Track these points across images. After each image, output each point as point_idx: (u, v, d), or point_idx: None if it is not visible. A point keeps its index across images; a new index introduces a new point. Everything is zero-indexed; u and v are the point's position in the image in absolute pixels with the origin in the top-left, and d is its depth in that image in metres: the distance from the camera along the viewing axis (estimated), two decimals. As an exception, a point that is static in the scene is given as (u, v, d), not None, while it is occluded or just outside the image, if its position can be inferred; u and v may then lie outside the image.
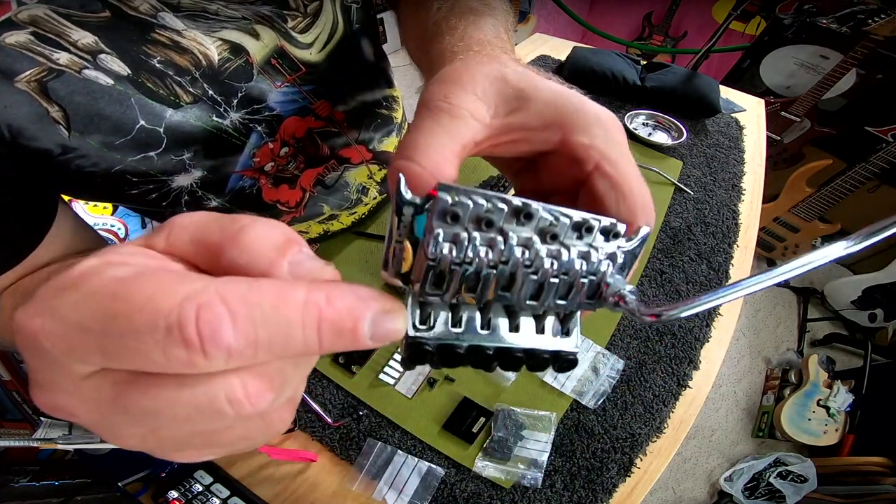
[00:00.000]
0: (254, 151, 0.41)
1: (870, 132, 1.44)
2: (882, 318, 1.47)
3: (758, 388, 1.53)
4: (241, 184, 0.43)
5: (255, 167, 0.43)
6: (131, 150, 0.33)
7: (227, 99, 0.37)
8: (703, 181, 0.77)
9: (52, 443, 0.35)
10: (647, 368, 0.54)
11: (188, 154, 0.36)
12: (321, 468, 0.48)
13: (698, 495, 1.32)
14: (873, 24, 1.27)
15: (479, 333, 0.16)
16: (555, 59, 1.06)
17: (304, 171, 0.49)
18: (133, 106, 0.32)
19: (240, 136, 0.40)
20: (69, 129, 0.29)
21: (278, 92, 0.40)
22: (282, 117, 0.42)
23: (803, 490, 1.21)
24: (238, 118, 0.38)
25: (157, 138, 0.34)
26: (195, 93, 0.35)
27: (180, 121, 0.34)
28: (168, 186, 0.37)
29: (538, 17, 2.38)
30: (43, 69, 0.28)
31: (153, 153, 0.34)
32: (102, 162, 0.32)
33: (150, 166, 0.34)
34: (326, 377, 0.53)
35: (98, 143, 0.31)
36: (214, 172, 0.39)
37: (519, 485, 0.46)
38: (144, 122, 0.32)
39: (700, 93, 0.87)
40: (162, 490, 0.43)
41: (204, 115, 0.36)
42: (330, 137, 0.48)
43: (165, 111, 0.33)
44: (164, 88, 0.33)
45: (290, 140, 0.44)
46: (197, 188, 0.39)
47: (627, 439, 0.49)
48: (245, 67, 0.37)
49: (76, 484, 0.42)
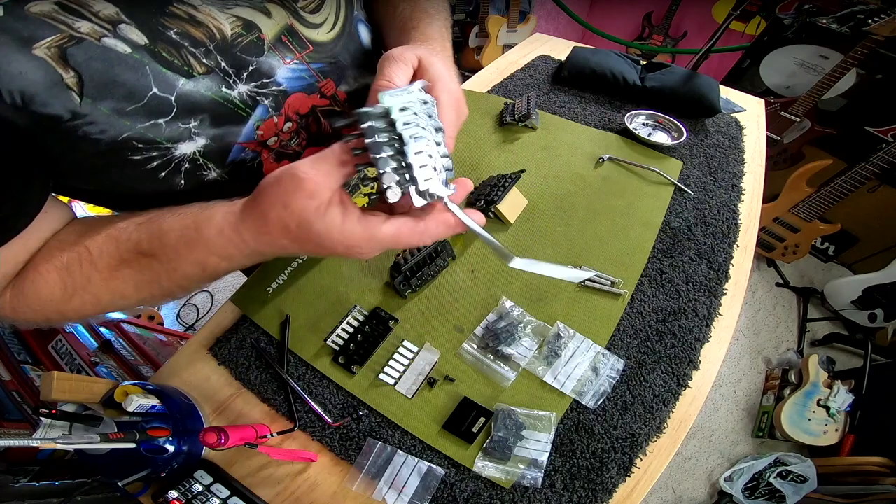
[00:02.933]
0: (258, 124, 0.43)
1: (870, 132, 1.44)
2: (882, 318, 1.47)
3: (758, 388, 1.53)
4: (242, 156, 0.43)
5: (258, 140, 0.44)
6: (141, 117, 0.34)
7: (237, 71, 0.39)
8: (703, 181, 0.77)
9: (52, 443, 0.35)
10: (647, 368, 0.54)
11: (194, 122, 0.38)
12: (321, 468, 0.48)
13: (698, 495, 1.32)
14: (873, 24, 1.27)
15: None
16: (555, 59, 1.06)
17: (306, 148, 0.49)
18: (147, 74, 0.33)
19: (246, 108, 0.41)
20: (81, 96, 0.31)
21: (287, 68, 0.42)
22: (288, 93, 0.44)
23: (803, 490, 1.22)
24: (246, 90, 0.40)
25: (168, 106, 0.35)
26: (208, 64, 0.37)
27: (191, 90, 0.36)
28: (171, 154, 0.38)
29: (538, 17, 2.38)
30: (63, 36, 0.29)
31: (162, 120, 0.35)
32: (111, 129, 0.33)
33: (157, 133, 0.36)
34: (326, 377, 0.53)
35: (109, 110, 0.32)
36: (218, 141, 0.41)
37: (519, 485, 0.46)
38: (157, 90, 0.34)
39: (700, 93, 0.87)
40: (162, 490, 0.43)
41: (214, 86, 0.38)
42: (333, 116, 0.50)
43: (178, 80, 0.35)
44: (179, 59, 0.35)
45: (294, 116, 0.46)
46: (199, 156, 0.40)
47: (627, 439, 0.49)
48: (257, 43, 0.40)
49: (76, 484, 0.42)
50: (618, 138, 0.84)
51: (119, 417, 0.42)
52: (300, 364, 0.54)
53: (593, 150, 0.81)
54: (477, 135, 0.84)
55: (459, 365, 0.54)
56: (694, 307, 0.59)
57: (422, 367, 0.53)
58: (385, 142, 0.28)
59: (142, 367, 1.13)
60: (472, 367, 0.54)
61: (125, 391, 0.42)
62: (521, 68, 1.04)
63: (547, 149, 0.82)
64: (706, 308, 0.59)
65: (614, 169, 0.78)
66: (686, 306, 0.59)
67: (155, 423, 0.43)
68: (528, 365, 0.53)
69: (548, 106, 0.91)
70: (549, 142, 0.83)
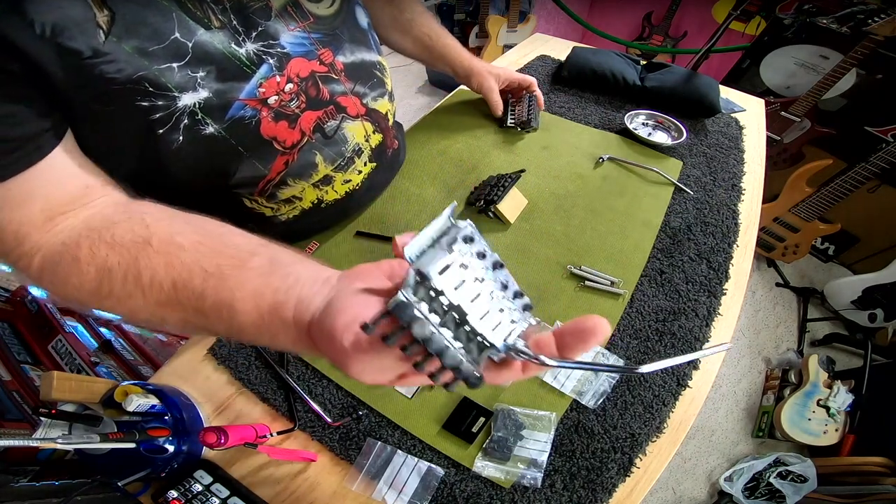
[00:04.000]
0: (261, 82, 0.45)
1: (870, 132, 1.44)
2: (882, 318, 1.47)
3: (758, 388, 1.53)
4: (242, 112, 0.45)
5: (260, 97, 0.46)
6: (160, 58, 0.37)
7: (247, 31, 0.43)
8: (703, 181, 0.77)
9: (52, 443, 0.35)
10: (647, 368, 0.54)
11: (202, 73, 0.40)
12: (321, 468, 0.48)
13: (698, 495, 1.32)
14: (873, 24, 1.27)
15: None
16: (555, 59, 1.06)
17: (304, 111, 0.51)
18: (173, 19, 0.37)
19: (251, 66, 0.44)
20: (107, 35, 0.34)
21: (290, 34, 0.47)
22: (290, 56, 0.47)
23: (803, 490, 1.21)
24: (253, 49, 0.44)
25: (185, 51, 0.39)
26: (223, 20, 0.41)
27: (206, 41, 0.40)
28: (174, 105, 0.39)
29: (538, 17, 2.38)
30: None
31: (176, 65, 0.38)
32: (128, 68, 0.35)
33: (169, 78, 0.38)
34: (326, 377, 0.53)
35: (131, 48, 0.35)
36: (219, 96, 0.42)
37: (519, 485, 0.46)
38: (179, 35, 0.38)
39: (700, 93, 0.87)
40: (162, 490, 0.43)
41: (226, 41, 0.42)
42: (330, 83, 0.53)
43: (198, 29, 0.39)
44: (201, 10, 0.40)
45: (295, 78, 0.49)
46: (198, 109, 0.41)
47: (627, 439, 0.49)
48: (264, 9, 0.44)
49: (76, 484, 0.42)
50: (618, 138, 0.84)
51: (119, 417, 0.42)
52: (300, 364, 0.54)
53: (593, 150, 0.81)
54: (477, 135, 0.84)
55: (459, 365, 0.54)
56: (694, 307, 0.59)
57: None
58: (438, 323, 0.21)
59: (142, 367, 1.13)
60: (472, 367, 0.54)
61: (125, 391, 0.42)
62: (521, 68, 1.04)
63: (547, 149, 0.82)
64: (706, 308, 0.59)
65: (614, 169, 0.78)
66: (686, 306, 0.59)
67: (155, 423, 0.43)
68: (528, 365, 0.53)
69: (548, 106, 0.91)
70: (549, 142, 0.83)
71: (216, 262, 0.31)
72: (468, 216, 0.69)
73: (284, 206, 0.58)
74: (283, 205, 0.58)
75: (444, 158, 0.80)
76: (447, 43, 0.81)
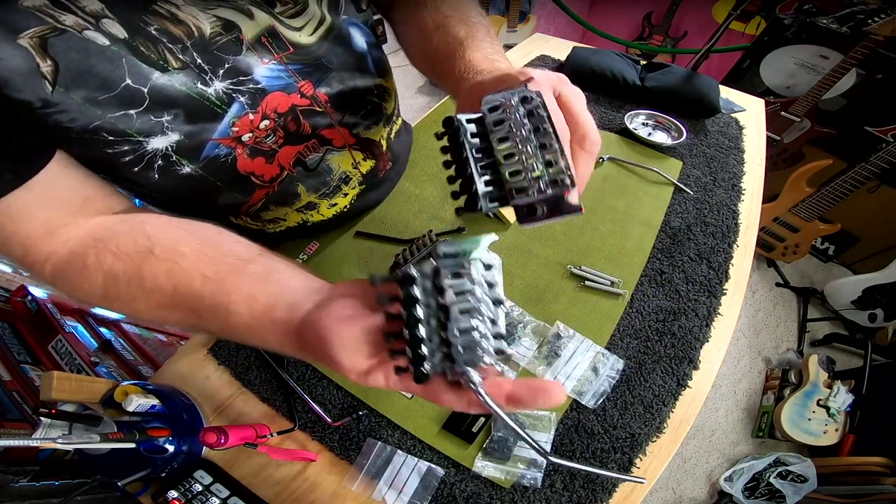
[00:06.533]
0: (233, 121, 0.43)
1: (870, 132, 1.44)
2: (882, 318, 1.47)
3: (758, 388, 1.53)
4: (216, 151, 0.43)
5: (233, 136, 0.44)
6: (113, 107, 0.35)
7: (213, 68, 0.39)
8: (703, 181, 0.77)
9: (52, 443, 0.35)
10: (647, 368, 0.54)
11: (168, 117, 0.38)
12: (321, 468, 0.48)
13: (698, 495, 1.32)
14: (873, 24, 1.27)
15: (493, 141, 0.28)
16: (555, 59, 1.06)
17: (282, 146, 0.49)
18: (123, 66, 0.34)
19: (221, 105, 0.41)
20: (54, 85, 0.31)
21: (265, 67, 0.42)
22: (266, 91, 0.44)
23: (803, 490, 1.21)
24: (222, 87, 0.40)
25: (140, 98, 0.36)
26: (184, 60, 0.37)
27: (165, 84, 0.36)
28: (143, 148, 0.38)
29: (538, 17, 2.38)
30: (47, 27, 0.30)
31: (133, 111, 0.36)
32: (81, 118, 0.34)
33: (128, 125, 0.36)
34: (326, 377, 0.53)
35: (81, 98, 0.33)
36: (191, 138, 0.41)
37: (519, 485, 0.46)
38: (130, 81, 0.35)
39: (700, 93, 0.87)
40: (162, 490, 0.43)
41: (189, 82, 0.38)
42: (313, 116, 0.49)
43: (153, 73, 0.36)
44: (156, 53, 0.36)
45: (272, 114, 0.46)
46: (171, 152, 0.40)
47: (627, 439, 0.49)
48: (234, 43, 0.40)
49: (76, 484, 0.42)
50: (618, 138, 0.84)
51: (119, 417, 0.42)
52: (300, 364, 0.54)
53: (593, 150, 0.81)
54: (477, 135, 0.84)
55: (459, 365, 0.54)
56: (694, 307, 0.59)
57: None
58: (424, 315, 0.24)
59: (142, 367, 1.13)
60: (472, 367, 0.54)
61: (125, 391, 0.42)
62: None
63: (547, 149, 0.82)
64: (706, 308, 0.59)
65: (614, 169, 0.78)
66: (686, 306, 0.59)
67: (155, 423, 0.43)
68: (528, 365, 0.53)
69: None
70: (549, 142, 0.83)
71: (215, 268, 0.33)
72: (468, 215, 0.69)
73: (270, 224, 0.59)
74: (268, 223, 0.58)
75: (444, 158, 0.79)
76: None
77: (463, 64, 0.40)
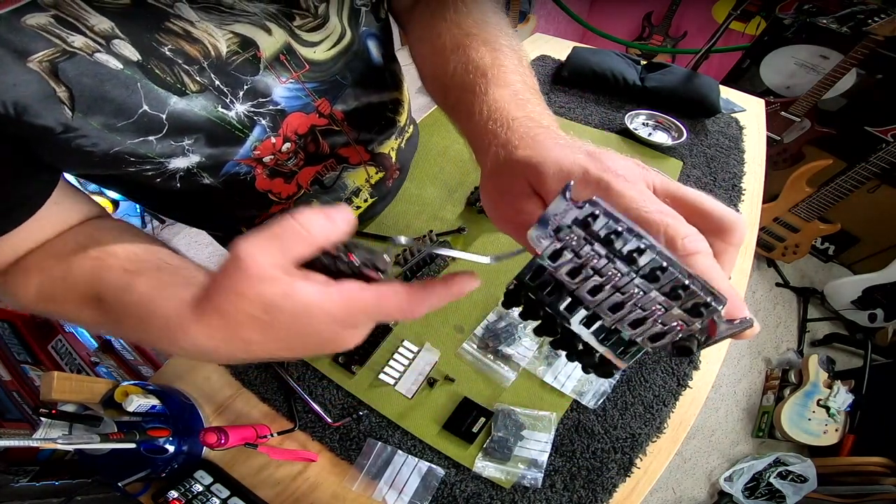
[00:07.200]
0: (255, 144, 0.42)
1: (870, 132, 1.44)
2: (882, 318, 1.47)
3: (758, 388, 1.53)
4: (236, 169, 0.43)
5: (255, 157, 0.43)
6: (132, 134, 0.34)
7: (233, 90, 0.38)
8: (703, 181, 0.77)
9: (52, 443, 0.35)
10: (647, 368, 0.54)
11: (188, 140, 0.37)
12: (321, 468, 0.48)
13: (698, 495, 1.32)
14: (873, 24, 1.27)
15: (559, 309, 0.22)
16: (555, 60, 1.06)
17: (302, 167, 0.49)
18: (139, 91, 0.32)
19: (243, 129, 0.40)
20: (73, 110, 0.30)
21: (283, 87, 0.41)
22: (286, 112, 0.43)
23: (803, 490, 1.22)
24: (243, 111, 0.39)
25: (159, 124, 0.34)
26: (202, 82, 0.36)
27: (184, 109, 0.35)
28: (165, 167, 0.38)
29: (538, 17, 2.38)
30: (56, 50, 0.29)
31: (153, 138, 0.35)
32: (102, 143, 0.33)
33: (148, 150, 0.35)
34: (326, 377, 0.53)
35: (99, 125, 0.32)
36: (213, 159, 0.40)
37: (519, 485, 0.46)
38: (147, 108, 0.33)
39: (700, 93, 0.87)
40: (162, 490, 0.43)
41: (209, 105, 0.37)
42: (331, 135, 0.49)
43: (170, 98, 0.34)
44: (172, 76, 0.34)
45: (293, 136, 0.45)
46: (193, 168, 0.40)
47: (627, 439, 0.49)
48: (252, 62, 0.38)
49: (76, 484, 0.42)
50: (618, 138, 0.84)
51: (119, 417, 0.42)
52: (300, 364, 0.54)
53: (593, 150, 0.81)
54: (477, 135, 0.84)
55: (459, 365, 0.54)
56: (694, 307, 0.59)
57: (422, 367, 0.53)
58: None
59: (142, 367, 1.13)
60: (472, 367, 0.54)
61: (125, 391, 0.42)
62: (521, 68, 1.03)
63: (547, 149, 0.82)
64: (706, 308, 0.59)
65: (614, 169, 0.78)
66: (686, 306, 0.59)
67: (155, 424, 0.43)
68: (529, 365, 0.53)
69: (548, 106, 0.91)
70: (549, 142, 0.83)
71: (138, 265, 0.32)
72: (468, 216, 0.69)
73: None
74: None
75: (444, 158, 0.79)
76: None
77: (486, 105, 0.33)
